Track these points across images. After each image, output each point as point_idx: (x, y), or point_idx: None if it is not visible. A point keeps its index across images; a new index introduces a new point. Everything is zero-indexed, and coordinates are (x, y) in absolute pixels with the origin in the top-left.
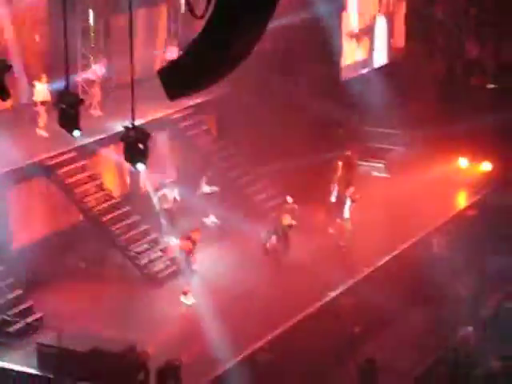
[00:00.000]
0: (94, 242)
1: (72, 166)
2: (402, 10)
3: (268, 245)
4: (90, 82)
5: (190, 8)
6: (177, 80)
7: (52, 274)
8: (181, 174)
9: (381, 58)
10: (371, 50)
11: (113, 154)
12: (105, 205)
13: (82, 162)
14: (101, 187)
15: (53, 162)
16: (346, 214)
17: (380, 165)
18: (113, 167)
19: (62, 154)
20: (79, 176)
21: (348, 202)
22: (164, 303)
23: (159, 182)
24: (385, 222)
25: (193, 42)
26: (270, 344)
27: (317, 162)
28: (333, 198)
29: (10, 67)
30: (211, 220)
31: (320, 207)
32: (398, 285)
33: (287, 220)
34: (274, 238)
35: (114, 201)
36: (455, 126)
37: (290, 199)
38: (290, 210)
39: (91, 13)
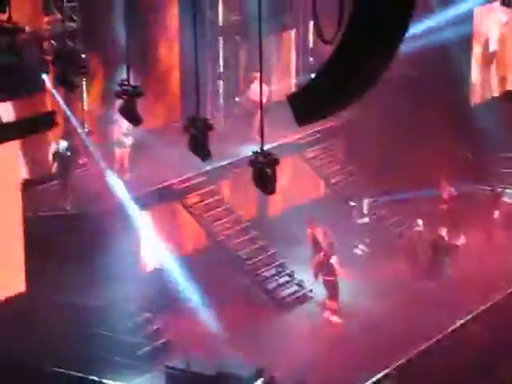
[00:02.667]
0: (222, 267)
1: (201, 191)
2: None
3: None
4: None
5: (319, 33)
6: (306, 105)
7: (180, 297)
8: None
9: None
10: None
11: (241, 179)
12: (233, 229)
13: (211, 187)
14: (229, 211)
15: (182, 186)
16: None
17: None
18: (241, 191)
19: (191, 178)
20: (208, 200)
21: None
22: (291, 328)
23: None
24: None
25: (322, 68)
26: (397, 370)
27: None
28: None
29: (141, 94)
30: (361, 249)
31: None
32: None
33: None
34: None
35: (241, 225)
36: None
37: (420, 222)
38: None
39: (221, 40)
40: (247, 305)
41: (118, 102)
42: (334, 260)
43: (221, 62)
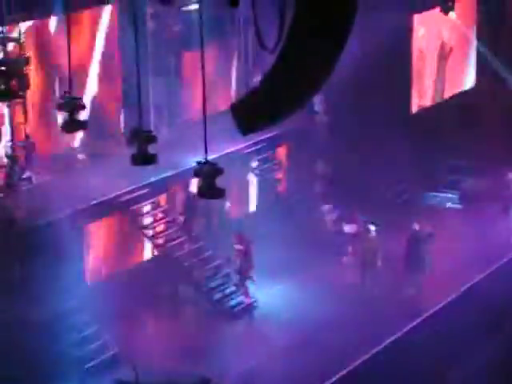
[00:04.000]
0: (167, 278)
1: (145, 203)
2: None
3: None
4: None
5: (261, 42)
6: (249, 115)
7: (126, 309)
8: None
9: (451, 90)
10: (441, 81)
11: (185, 190)
12: (178, 240)
13: (155, 198)
14: (173, 222)
15: (126, 198)
16: None
17: (453, 196)
18: (184, 202)
19: (135, 190)
20: (152, 212)
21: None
22: (239, 338)
23: None
24: (459, 253)
25: (264, 77)
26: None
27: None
28: None
29: (83, 106)
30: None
31: None
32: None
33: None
34: None
35: (186, 236)
36: None
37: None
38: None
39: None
40: (194, 316)
41: None
42: None
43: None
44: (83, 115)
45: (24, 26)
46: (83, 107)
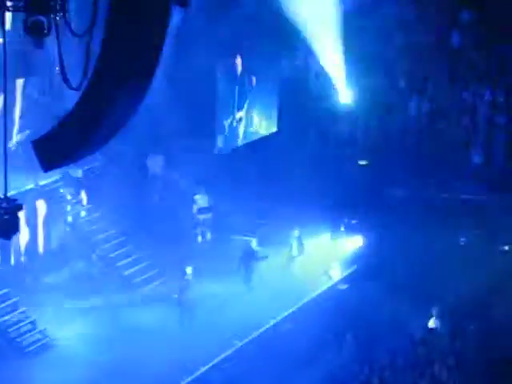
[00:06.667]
0: None
1: None
2: None
3: None
4: None
5: (66, 79)
6: (52, 151)
7: None
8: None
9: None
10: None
11: None
12: None
13: None
14: None
15: None
16: None
17: (252, 239)
18: None
19: None
20: None
21: None
22: (34, 377)
23: None
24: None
25: (68, 114)
26: None
27: None
28: None
29: None
30: None
31: None
32: None
33: None
34: None
35: None
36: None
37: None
38: None
39: None
40: None
41: None
42: None
43: None
44: None
45: None
46: None
